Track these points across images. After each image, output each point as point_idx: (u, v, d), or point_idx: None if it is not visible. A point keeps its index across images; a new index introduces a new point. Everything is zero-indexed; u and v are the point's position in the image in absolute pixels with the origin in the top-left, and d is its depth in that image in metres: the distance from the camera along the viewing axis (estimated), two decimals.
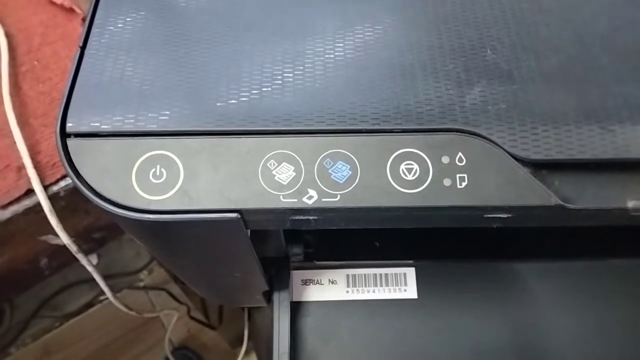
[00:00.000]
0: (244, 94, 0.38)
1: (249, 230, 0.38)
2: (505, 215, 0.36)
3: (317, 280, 0.57)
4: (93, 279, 0.68)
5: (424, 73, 0.39)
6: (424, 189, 0.35)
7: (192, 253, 0.42)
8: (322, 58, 0.40)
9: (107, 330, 1.04)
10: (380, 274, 0.57)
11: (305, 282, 0.57)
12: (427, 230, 0.38)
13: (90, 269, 0.77)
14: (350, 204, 0.35)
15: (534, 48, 0.40)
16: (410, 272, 0.57)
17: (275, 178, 0.36)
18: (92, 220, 0.70)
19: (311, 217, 0.36)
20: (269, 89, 0.38)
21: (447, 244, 0.57)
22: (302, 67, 0.39)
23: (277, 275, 0.56)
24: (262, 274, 0.49)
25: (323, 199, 0.35)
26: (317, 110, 0.37)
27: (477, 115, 0.37)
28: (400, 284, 0.57)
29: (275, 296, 0.55)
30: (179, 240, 0.40)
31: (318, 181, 0.36)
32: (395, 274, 0.57)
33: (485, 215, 0.37)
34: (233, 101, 0.37)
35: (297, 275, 0.57)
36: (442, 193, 0.35)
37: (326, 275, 0.57)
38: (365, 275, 0.57)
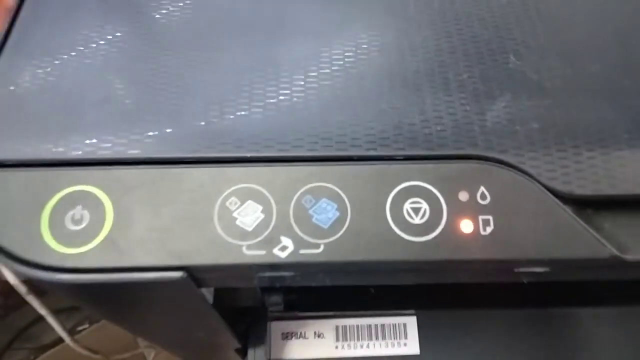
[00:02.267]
0: (197, 111, 0.29)
1: (204, 289, 0.29)
2: (542, 270, 0.28)
3: (301, 333, 0.48)
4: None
5: (431, 84, 0.30)
6: (436, 237, 0.26)
7: (134, 317, 0.33)
8: (302, 67, 0.31)
9: None
10: (376, 325, 0.48)
11: (286, 336, 0.48)
12: None
13: (42, 312, 0.67)
14: (338, 258, 0.26)
15: (568, 53, 0.32)
16: (412, 322, 0.48)
17: (237, 222, 0.27)
18: None
19: (285, 274, 0.27)
20: (232, 105, 0.29)
21: (455, 289, 0.48)
22: (274, 78, 0.30)
23: (253, 328, 0.47)
24: (230, 331, 0.39)
25: (301, 251, 0.26)
26: (294, 132, 0.28)
27: (502, 138, 0.28)
28: (399, 336, 0.47)
29: (250, 354, 0.46)
30: (112, 304, 0.30)
31: (294, 226, 0.27)
32: (393, 324, 0.48)
33: (516, 270, 0.28)
34: (184, 121, 0.28)
35: (276, 328, 0.48)
36: (460, 242, 0.26)
37: (311, 327, 0.48)
38: (357, 326, 0.48)
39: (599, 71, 0.31)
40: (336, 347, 0.47)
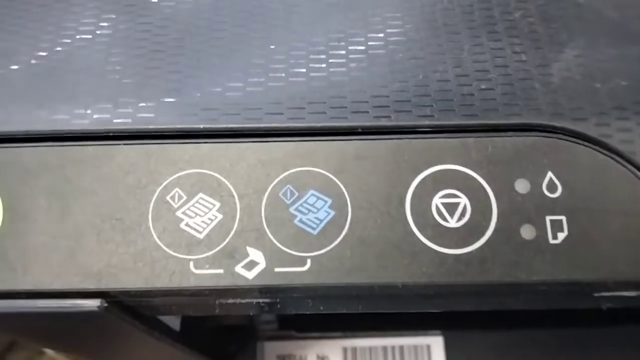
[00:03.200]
0: (132, 66, 0.20)
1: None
2: (634, 294, 0.19)
3: (300, 356, 0.39)
4: None
5: (469, 24, 0.21)
6: (481, 248, 0.17)
7: (68, 350, 0.24)
8: (283, 8, 0.22)
9: None
10: (393, 347, 0.39)
11: (283, 359, 0.39)
12: None
13: None
14: (332, 279, 0.17)
15: None
16: (437, 344, 0.39)
17: (182, 225, 0.18)
18: None
19: (258, 301, 0.18)
20: (182, 53, 0.20)
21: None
22: (242, 16, 0.21)
23: (241, 350, 0.38)
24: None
25: (277, 269, 0.17)
26: (268, 94, 0.19)
27: (576, 101, 0.19)
28: None
29: None
30: (29, 336, 0.22)
31: (268, 231, 0.18)
32: (415, 346, 0.39)
33: (597, 295, 0.19)
34: (110, 80, 0.20)
35: (269, 350, 0.39)
36: (518, 256, 0.17)
37: (313, 348, 0.39)
38: (370, 349, 0.39)
39: None
40: None
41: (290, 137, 0.19)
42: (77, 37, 0.21)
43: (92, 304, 0.17)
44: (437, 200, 0.18)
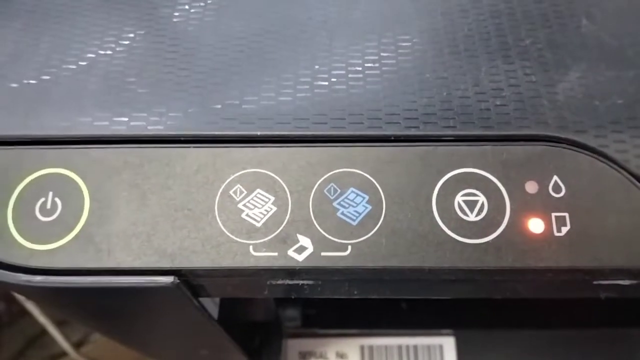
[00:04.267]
0: (197, 80, 0.24)
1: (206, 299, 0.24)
2: (628, 282, 0.22)
3: (320, 353, 0.42)
4: None
5: (486, 49, 0.24)
6: (497, 238, 0.21)
7: (123, 329, 0.28)
8: (326, 26, 0.26)
9: None
10: (408, 346, 0.42)
11: (304, 356, 0.42)
12: None
13: (43, 320, 0.63)
14: (370, 263, 0.20)
15: None
16: (449, 344, 0.42)
17: (243, 216, 0.21)
18: None
19: (303, 282, 0.22)
20: (239, 70, 0.24)
21: (501, 304, 0.41)
22: (288, 38, 0.25)
23: (266, 346, 0.41)
24: (239, 350, 0.34)
25: (323, 253, 0.21)
26: (315, 106, 0.23)
27: (579, 115, 0.22)
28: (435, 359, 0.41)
29: None
30: (93, 313, 0.25)
31: (315, 222, 0.21)
32: (428, 346, 0.42)
33: (595, 282, 0.22)
34: (181, 99, 0.23)
35: (293, 347, 0.42)
36: (528, 246, 0.21)
37: (333, 346, 0.42)
38: (386, 347, 0.42)
39: None
40: None
41: (333, 143, 0.22)
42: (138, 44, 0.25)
43: (166, 280, 0.21)
44: (459, 198, 0.21)
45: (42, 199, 0.21)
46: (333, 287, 0.22)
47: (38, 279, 0.21)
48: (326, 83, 0.23)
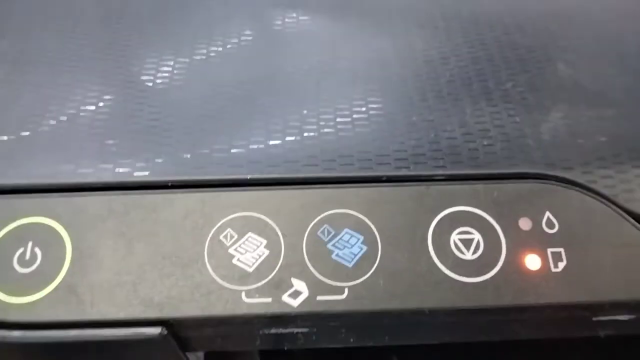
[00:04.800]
0: (182, 125, 0.23)
1: (190, 355, 0.22)
2: (627, 317, 0.21)
3: None
4: None
5: (469, 93, 0.25)
6: (495, 276, 0.20)
7: None
8: (311, 73, 0.26)
9: None
10: None
11: None
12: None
13: None
14: (368, 306, 0.20)
15: (625, 58, 0.27)
16: None
17: (234, 261, 0.20)
18: None
19: (297, 330, 0.21)
20: (228, 116, 0.24)
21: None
22: (277, 85, 0.25)
23: None
24: None
25: (319, 297, 0.20)
26: (306, 149, 0.23)
27: (564, 153, 0.23)
28: None
29: None
30: None
31: (309, 265, 0.20)
32: None
33: (595, 319, 0.21)
34: (165, 145, 0.23)
35: None
36: (526, 283, 0.20)
37: None
38: None
39: None
40: None
41: (325, 184, 0.22)
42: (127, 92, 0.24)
43: (154, 331, 0.19)
44: (454, 237, 0.21)
45: (21, 249, 0.20)
46: (329, 335, 0.21)
47: (15, 334, 0.19)
48: (315, 127, 0.23)
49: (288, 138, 0.23)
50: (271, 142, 0.23)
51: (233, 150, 0.22)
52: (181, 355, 0.22)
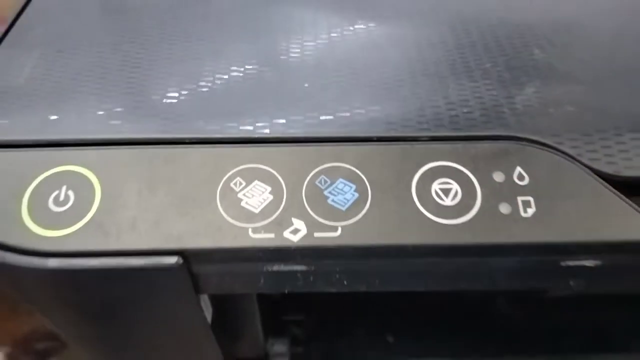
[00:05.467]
0: (198, 85, 0.27)
1: (200, 296, 0.25)
2: (591, 263, 0.24)
3: None
4: None
5: (453, 72, 0.28)
6: (471, 219, 0.23)
7: (115, 330, 0.28)
8: (314, 47, 0.29)
9: None
10: None
11: None
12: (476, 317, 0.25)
13: None
14: (359, 241, 0.22)
15: (598, 47, 0.30)
16: None
17: (243, 204, 0.23)
18: (34, 326, 0.56)
19: (297, 268, 0.23)
20: (239, 79, 0.27)
21: (505, 336, 0.42)
22: (285, 57, 0.28)
23: None
24: None
25: (316, 234, 0.23)
26: (307, 111, 0.26)
27: (536, 120, 0.26)
28: None
29: None
30: (91, 306, 0.26)
31: (308, 207, 0.23)
32: None
33: (562, 263, 0.24)
34: (182, 96, 0.26)
35: None
36: (499, 225, 0.23)
37: None
38: None
39: (633, 64, 0.29)
40: None
41: (323, 142, 0.25)
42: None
43: (170, 260, 0.22)
44: (435, 186, 0.24)
45: (56, 192, 0.23)
46: (324, 276, 0.24)
47: (50, 262, 0.22)
48: (321, 93, 0.27)
49: (292, 101, 0.26)
50: (275, 106, 0.26)
51: (246, 108, 0.26)
52: (194, 295, 0.24)
